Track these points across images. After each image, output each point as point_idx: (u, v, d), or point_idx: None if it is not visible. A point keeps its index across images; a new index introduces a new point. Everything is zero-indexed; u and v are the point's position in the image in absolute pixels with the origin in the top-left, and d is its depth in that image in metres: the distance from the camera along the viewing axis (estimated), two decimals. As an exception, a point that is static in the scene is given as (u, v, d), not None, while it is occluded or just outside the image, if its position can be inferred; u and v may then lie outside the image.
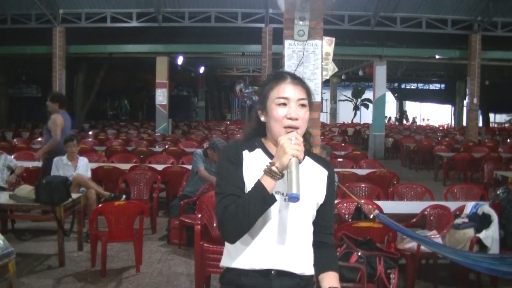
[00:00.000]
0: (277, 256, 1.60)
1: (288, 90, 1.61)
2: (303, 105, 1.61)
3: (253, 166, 1.61)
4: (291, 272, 1.62)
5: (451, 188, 5.66)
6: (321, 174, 1.72)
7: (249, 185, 1.58)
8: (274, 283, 1.60)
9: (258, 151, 1.66)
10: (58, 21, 12.68)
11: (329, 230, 1.76)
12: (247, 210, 1.49)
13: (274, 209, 1.56)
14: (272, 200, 1.51)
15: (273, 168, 1.49)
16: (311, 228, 1.68)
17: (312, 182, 1.66)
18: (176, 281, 4.39)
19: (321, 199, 1.70)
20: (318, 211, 1.70)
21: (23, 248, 5.16)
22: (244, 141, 1.71)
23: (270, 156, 1.64)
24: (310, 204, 1.65)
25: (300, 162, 1.50)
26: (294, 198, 1.45)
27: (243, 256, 1.60)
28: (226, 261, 1.66)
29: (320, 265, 1.70)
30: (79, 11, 12.85)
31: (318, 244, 1.73)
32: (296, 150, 1.48)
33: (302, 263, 1.64)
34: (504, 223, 4.14)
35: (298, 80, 1.64)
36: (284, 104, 1.60)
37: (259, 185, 1.50)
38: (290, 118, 1.58)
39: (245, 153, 1.64)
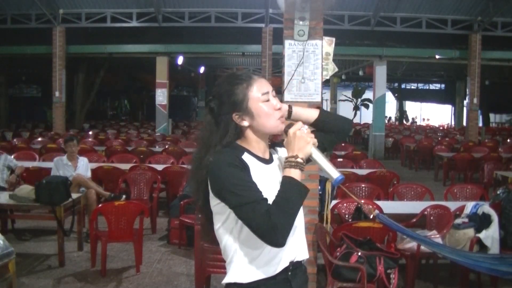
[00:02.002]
0: (290, 250, 1.61)
1: (263, 85, 1.62)
2: (275, 96, 1.66)
3: (253, 170, 1.58)
4: (300, 262, 1.67)
5: (451, 188, 5.66)
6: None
7: None
8: (293, 284, 1.62)
9: (246, 155, 1.62)
10: (58, 21, 12.69)
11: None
12: (291, 207, 1.47)
13: None
14: (307, 190, 1.52)
15: (299, 160, 1.51)
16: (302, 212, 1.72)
17: None
18: (176, 281, 4.39)
19: None
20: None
21: (23, 248, 5.16)
22: (226, 147, 1.60)
23: (258, 158, 1.63)
24: None
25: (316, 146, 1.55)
26: (341, 180, 1.50)
27: (262, 265, 1.56)
28: (243, 276, 1.58)
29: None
30: (79, 11, 12.86)
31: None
32: (312, 138, 1.54)
33: (305, 249, 1.70)
34: (504, 223, 4.14)
35: (260, 74, 1.67)
36: (268, 99, 1.61)
37: (292, 180, 1.49)
38: (279, 109, 1.62)
39: (244, 157, 1.59)
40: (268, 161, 1.66)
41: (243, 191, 1.48)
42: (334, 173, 1.51)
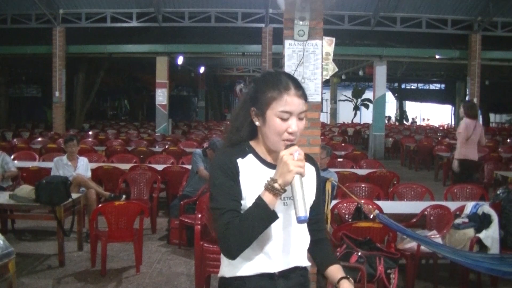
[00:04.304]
0: (280, 258, 1.61)
1: (292, 104, 1.53)
2: (301, 118, 1.58)
3: (248, 174, 1.58)
4: (292, 267, 1.64)
5: (451, 188, 5.66)
6: (310, 171, 1.71)
7: (247, 195, 1.56)
8: (279, 283, 1.61)
9: (250, 156, 1.61)
10: (58, 21, 12.70)
11: (322, 225, 1.79)
12: (250, 228, 1.47)
13: None
14: (275, 217, 1.49)
15: (276, 185, 1.45)
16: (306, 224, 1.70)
17: (304, 181, 1.62)
18: (176, 281, 4.39)
19: (313, 195, 1.70)
20: (311, 207, 1.69)
21: (23, 248, 5.16)
22: (233, 146, 1.63)
23: (263, 161, 1.62)
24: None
25: (303, 177, 1.47)
26: (302, 221, 1.43)
27: (248, 263, 1.59)
28: (228, 271, 1.63)
29: (324, 261, 1.74)
30: (79, 11, 12.87)
31: (316, 242, 1.74)
32: (299, 167, 1.45)
33: (301, 256, 1.67)
34: (504, 223, 4.14)
35: (301, 91, 1.56)
36: (285, 118, 1.54)
37: (261, 202, 1.47)
38: (290, 133, 1.54)
39: (239, 161, 1.59)
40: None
41: (218, 196, 1.54)
42: (301, 211, 1.43)
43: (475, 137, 6.33)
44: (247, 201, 1.54)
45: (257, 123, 1.60)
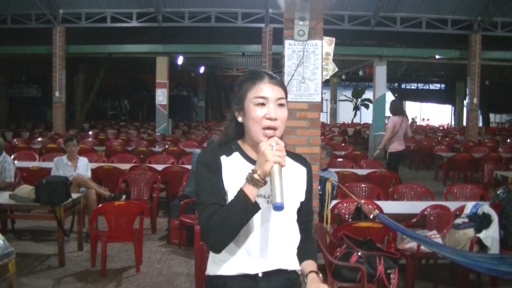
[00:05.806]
0: (263, 259, 1.60)
1: (266, 89, 1.55)
2: (281, 105, 1.57)
3: (232, 171, 1.59)
4: (277, 269, 1.62)
5: (451, 188, 5.66)
6: (300, 172, 1.71)
7: (229, 191, 1.56)
8: (261, 285, 1.60)
9: (236, 154, 1.63)
10: (58, 21, 12.70)
11: (310, 226, 1.79)
12: (231, 220, 1.48)
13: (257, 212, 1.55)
14: (256, 208, 1.50)
15: (255, 176, 1.46)
16: (295, 225, 1.69)
17: (293, 181, 1.64)
18: (176, 281, 4.39)
19: (302, 197, 1.70)
20: (300, 208, 1.70)
21: (23, 248, 5.16)
22: (221, 144, 1.67)
23: (248, 159, 1.63)
24: (293, 204, 1.66)
25: (282, 167, 1.46)
26: (278, 207, 1.42)
27: (230, 262, 1.60)
28: (213, 269, 1.65)
29: (301, 257, 1.73)
30: (79, 11, 12.87)
31: (300, 240, 1.75)
32: (278, 157, 1.44)
33: (288, 259, 1.66)
34: (504, 223, 4.14)
35: (275, 80, 1.59)
36: (263, 104, 1.55)
37: (241, 194, 1.48)
38: (269, 119, 1.54)
39: (223, 158, 1.61)
40: None
41: (202, 191, 1.57)
42: (278, 197, 1.42)
43: (402, 131, 7.23)
44: (230, 197, 1.55)
45: (239, 118, 1.62)
